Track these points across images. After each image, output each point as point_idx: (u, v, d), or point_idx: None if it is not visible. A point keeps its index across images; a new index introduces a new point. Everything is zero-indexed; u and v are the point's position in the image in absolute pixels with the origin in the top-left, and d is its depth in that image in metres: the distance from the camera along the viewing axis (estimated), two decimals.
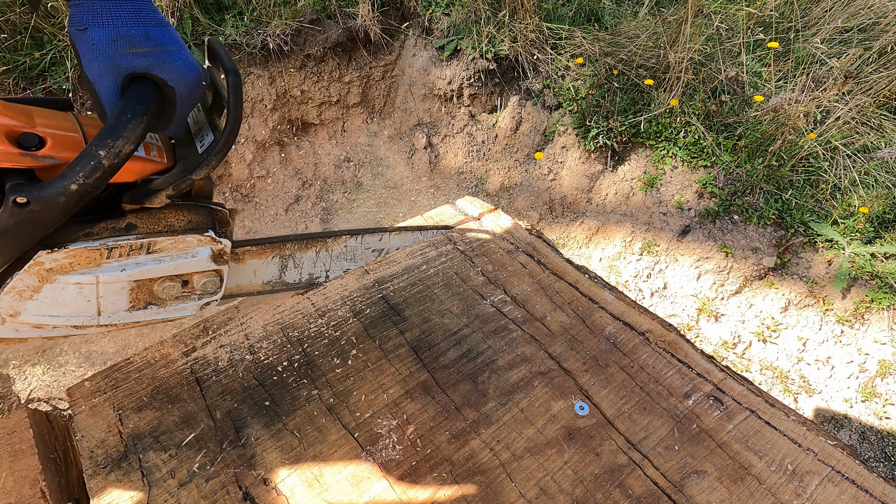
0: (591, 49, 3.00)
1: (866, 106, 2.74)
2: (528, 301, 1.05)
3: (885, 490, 0.77)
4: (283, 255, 0.99)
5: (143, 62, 0.58)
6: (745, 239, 2.65)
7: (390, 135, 3.55)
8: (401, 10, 3.40)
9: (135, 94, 0.58)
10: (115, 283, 0.71)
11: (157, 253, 0.73)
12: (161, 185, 0.66)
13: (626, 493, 0.75)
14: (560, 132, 3.16)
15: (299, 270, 1.04)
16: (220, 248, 0.78)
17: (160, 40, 0.58)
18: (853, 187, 2.58)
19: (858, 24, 3.00)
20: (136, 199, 0.67)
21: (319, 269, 1.07)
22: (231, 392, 0.85)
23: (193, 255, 0.76)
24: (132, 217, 0.69)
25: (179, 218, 0.73)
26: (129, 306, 0.75)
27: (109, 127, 0.56)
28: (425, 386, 0.88)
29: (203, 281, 0.79)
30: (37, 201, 0.56)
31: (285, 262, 1.01)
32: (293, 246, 1.00)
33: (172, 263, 0.74)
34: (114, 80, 0.58)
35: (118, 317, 0.75)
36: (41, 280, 0.65)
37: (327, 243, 1.06)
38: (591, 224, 3.04)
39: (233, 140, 0.64)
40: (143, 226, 0.70)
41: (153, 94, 0.59)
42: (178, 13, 2.84)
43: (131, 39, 0.57)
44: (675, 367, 0.93)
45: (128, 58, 0.57)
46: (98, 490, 0.72)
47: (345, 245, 1.09)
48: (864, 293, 2.44)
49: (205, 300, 0.83)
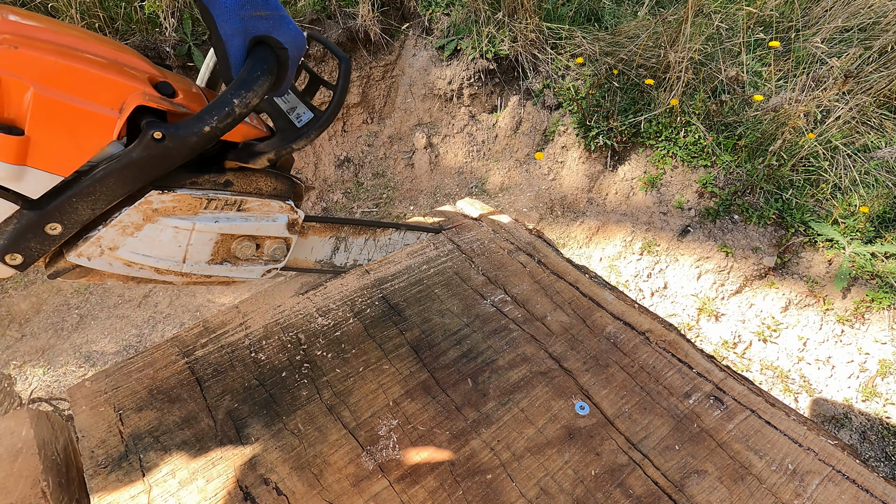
0: (591, 49, 3.00)
1: (866, 105, 2.74)
2: (529, 301, 1.05)
3: (885, 490, 0.77)
4: (339, 236, 1.04)
5: (266, 25, 0.64)
6: (745, 238, 2.65)
7: (390, 135, 3.55)
8: (401, 10, 3.40)
9: (260, 56, 0.64)
10: (206, 233, 0.76)
11: (245, 212, 0.78)
12: (265, 149, 0.73)
13: (626, 492, 0.75)
14: (560, 132, 3.16)
15: (347, 254, 1.09)
16: (295, 217, 0.84)
17: (276, 6, 0.65)
18: (853, 187, 2.58)
19: (859, 23, 3.00)
20: (241, 157, 0.74)
21: (364, 257, 1.12)
22: (231, 392, 0.85)
23: (273, 220, 0.81)
24: (231, 175, 0.75)
25: (268, 183, 0.79)
26: (209, 258, 0.80)
27: (242, 80, 0.63)
28: (425, 386, 0.88)
29: (274, 247, 0.84)
30: (172, 138, 0.61)
31: (338, 244, 1.06)
32: (349, 230, 1.05)
33: (256, 224, 0.80)
34: (243, 41, 0.64)
35: (198, 267, 0.80)
36: (146, 219, 0.70)
37: (376, 233, 1.11)
38: (591, 224, 3.04)
39: (333, 118, 0.72)
40: (239, 184, 0.76)
41: (274, 57, 0.65)
42: (179, 13, 2.84)
43: (256, 3, 0.63)
44: (675, 367, 0.93)
45: (254, 20, 0.64)
46: (99, 490, 0.72)
47: (389, 238, 1.14)
48: (865, 293, 2.44)
49: (269, 266, 0.87)
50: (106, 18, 2.65)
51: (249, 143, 0.75)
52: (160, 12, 2.78)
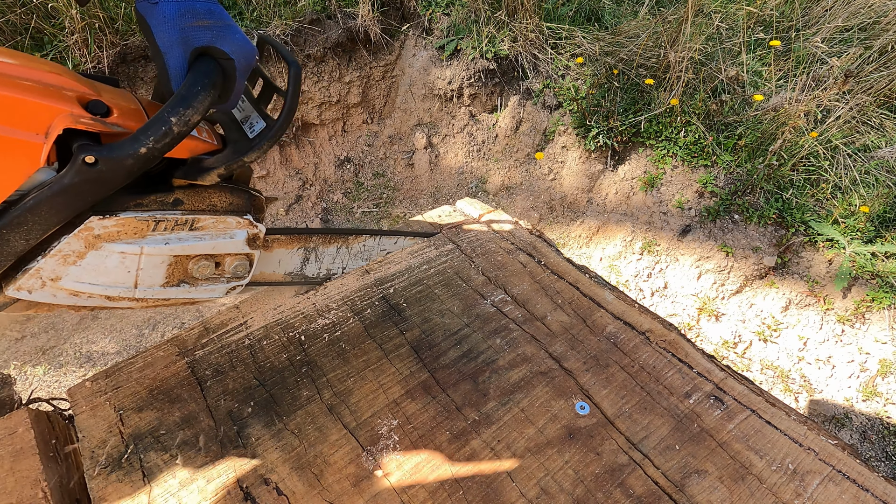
0: (591, 49, 3.00)
1: (867, 105, 2.74)
2: (529, 301, 1.05)
3: (885, 489, 0.77)
4: (308, 247, 1.01)
5: (208, 35, 0.61)
6: (745, 238, 2.65)
7: (390, 135, 3.55)
8: (401, 10, 3.40)
9: (202, 69, 0.61)
10: (157, 256, 0.73)
11: (199, 230, 0.75)
12: (213, 164, 0.69)
13: (626, 492, 0.75)
14: (560, 132, 3.16)
15: (319, 265, 1.06)
16: (256, 232, 0.80)
17: (221, 14, 0.63)
18: (854, 186, 2.58)
19: (859, 23, 3.00)
20: (188, 174, 0.70)
21: (337, 266, 1.09)
22: (232, 392, 0.85)
23: (231, 237, 0.78)
24: (180, 193, 0.71)
25: (222, 199, 0.76)
26: (163, 281, 0.76)
27: (181, 96, 0.59)
28: (426, 386, 0.88)
29: (235, 264, 0.82)
30: (105, 161, 0.58)
31: (308, 255, 1.03)
32: (318, 239, 1.02)
33: (211, 242, 0.76)
34: (183, 52, 0.61)
35: (152, 291, 0.76)
36: (88, 246, 0.67)
37: (348, 241, 1.08)
38: (591, 224, 3.04)
39: (286, 127, 0.67)
40: (189, 202, 0.72)
41: (218, 69, 0.62)
42: None
43: (197, 13, 0.61)
44: (675, 367, 0.93)
45: (195, 30, 0.61)
46: (99, 490, 0.72)
47: (363, 244, 1.11)
48: (865, 292, 2.44)
49: (232, 284, 0.84)
50: (106, 19, 2.65)
51: (198, 158, 0.71)
52: None
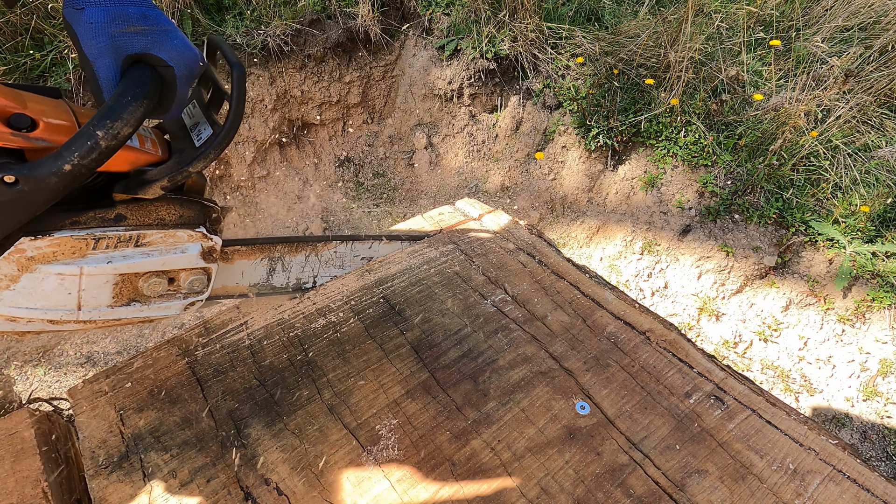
0: (591, 48, 3.00)
1: (867, 104, 2.74)
2: (529, 301, 1.05)
3: (886, 489, 0.77)
4: (273, 257, 0.97)
5: (142, 41, 0.57)
6: (745, 238, 2.65)
7: (390, 135, 3.55)
8: (401, 10, 3.40)
9: (135, 77, 0.57)
10: (100, 276, 0.69)
11: (145, 246, 0.71)
12: (156, 176, 0.65)
13: (627, 492, 0.75)
14: (560, 132, 3.16)
15: (287, 274, 1.02)
16: (211, 245, 0.77)
17: (157, 20, 0.58)
18: (854, 186, 2.58)
19: (859, 22, 2.99)
20: (129, 188, 0.65)
21: (307, 274, 1.05)
22: (232, 392, 0.85)
23: (183, 251, 0.74)
24: (122, 208, 0.67)
25: (171, 212, 0.72)
26: (111, 302, 0.72)
27: (108, 108, 0.55)
28: (426, 386, 0.88)
29: (190, 279, 0.78)
30: (26, 180, 0.54)
31: (274, 265, 0.98)
32: (283, 248, 0.98)
33: (161, 258, 0.72)
34: (113, 61, 0.57)
35: (99, 312, 0.72)
36: (21, 269, 0.63)
37: (317, 248, 1.04)
38: (591, 223, 3.04)
39: (233, 133, 0.63)
40: (134, 217, 0.69)
41: (153, 78, 0.58)
42: (179, 13, 2.84)
43: (129, 18, 0.56)
44: (675, 367, 0.93)
45: (126, 37, 0.56)
46: (100, 490, 0.72)
47: (334, 251, 1.07)
48: (866, 292, 2.44)
49: (190, 299, 0.80)
50: None
51: (141, 170, 0.67)
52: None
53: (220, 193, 3.17)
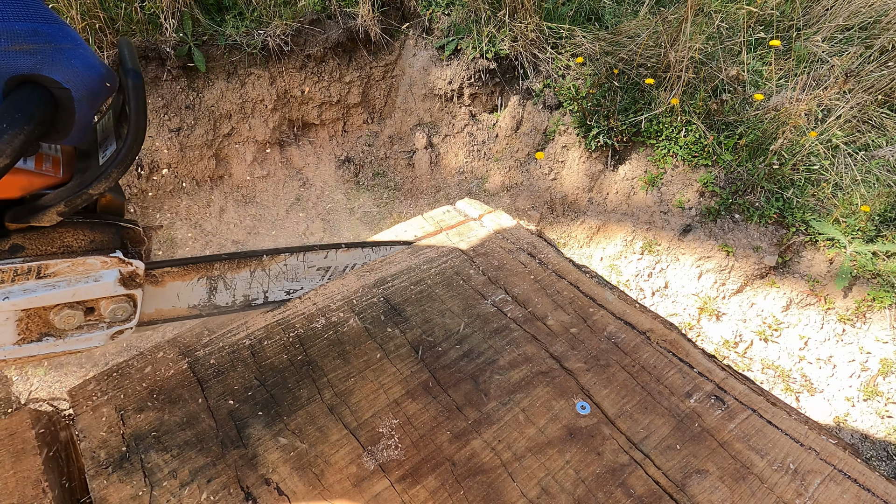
0: (591, 48, 3.00)
1: (867, 104, 2.74)
2: (529, 300, 1.05)
3: (886, 489, 0.77)
4: (212, 276, 0.91)
5: (30, 61, 0.51)
6: (746, 238, 2.65)
7: (391, 135, 3.55)
8: (401, 10, 3.40)
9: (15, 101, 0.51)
10: None
11: (50, 277, 0.64)
12: (51, 201, 0.58)
13: (627, 492, 0.75)
14: (561, 131, 3.16)
15: (231, 292, 0.95)
16: (131, 270, 0.70)
17: (50, 37, 0.52)
18: (854, 186, 2.58)
19: (859, 22, 2.99)
20: (19, 216, 0.59)
21: (256, 290, 0.99)
22: (232, 392, 0.85)
23: (97, 279, 0.68)
24: (18, 237, 0.61)
25: (79, 237, 0.66)
26: (17, 339, 0.67)
27: None
28: (426, 386, 0.88)
29: (112, 307, 0.72)
30: None
31: (214, 284, 0.92)
32: (222, 266, 0.92)
33: (70, 289, 0.66)
34: None
35: (3, 352, 0.66)
36: None
37: (263, 262, 0.98)
38: (592, 223, 3.04)
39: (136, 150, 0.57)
40: (33, 247, 0.63)
41: (40, 101, 0.52)
42: (179, 14, 2.84)
43: (14, 35, 0.50)
44: (676, 367, 0.93)
45: (10, 56, 0.50)
46: (100, 490, 0.72)
47: (284, 264, 1.01)
48: (866, 292, 2.44)
49: (115, 329, 0.75)
50: (106, 19, 2.65)
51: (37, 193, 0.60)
52: (160, 13, 2.78)
53: (221, 193, 3.17)
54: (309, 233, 3.18)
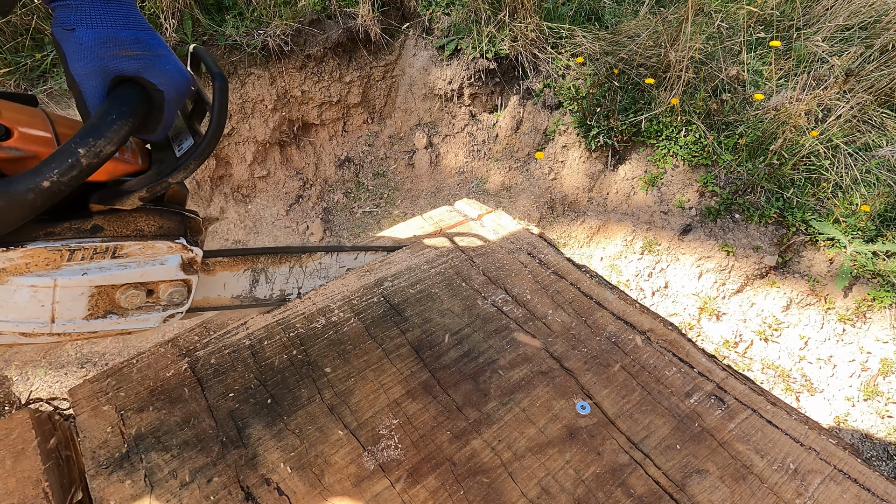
0: (591, 48, 3.00)
1: (867, 104, 2.74)
2: (530, 300, 1.05)
3: (887, 489, 0.77)
4: (256, 268, 0.95)
5: (133, 65, 0.57)
6: (746, 237, 2.65)
7: (391, 135, 3.55)
8: (401, 10, 3.40)
9: (121, 96, 0.56)
10: (75, 288, 0.67)
11: (123, 258, 0.69)
12: (134, 187, 0.63)
13: (627, 492, 0.75)
14: (561, 131, 3.16)
15: (271, 286, 0.99)
16: (191, 256, 0.75)
17: (150, 44, 0.58)
18: (854, 185, 2.58)
19: (859, 22, 2.99)
20: (105, 199, 0.64)
21: (292, 286, 1.03)
22: (232, 392, 0.86)
23: (162, 263, 0.72)
24: (99, 219, 0.66)
25: (150, 223, 0.70)
26: (86, 314, 0.71)
27: (92, 125, 0.54)
28: (427, 386, 0.88)
29: (170, 291, 0.76)
30: (2, 195, 0.53)
31: (257, 277, 0.96)
32: (266, 260, 0.96)
33: (139, 270, 0.71)
34: (101, 81, 0.57)
35: (74, 325, 0.70)
36: None
37: (301, 259, 1.02)
38: (592, 223, 3.04)
39: (214, 144, 0.62)
40: (111, 228, 0.67)
41: (140, 98, 0.58)
42: (179, 14, 2.84)
43: (121, 42, 0.56)
44: (676, 367, 0.93)
45: (117, 60, 0.56)
46: (100, 490, 0.72)
47: (319, 262, 1.05)
48: (866, 291, 2.44)
49: (169, 311, 0.79)
50: None
51: (120, 180, 0.66)
52: (160, 13, 2.78)
53: (221, 193, 3.17)
54: (309, 233, 3.18)
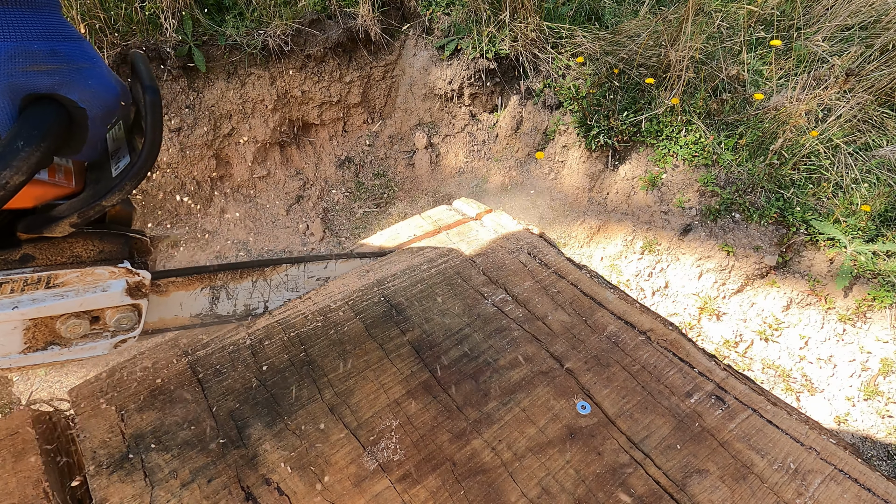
0: (591, 48, 3.00)
1: (868, 104, 2.74)
2: (530, 300, 1.05)
3: (887, 489, 0.77)
4: (215, 285, 0.92)
5: (47, 81, 0.51)
6: (746, 237, 2.64)
7: (391, 134, 3.55)
8: (401, 10, 3.40)
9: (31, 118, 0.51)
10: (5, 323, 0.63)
11: (59, 287, 0.65)
12: (64, 212, 0.58)
13: (628, 492, 0.75)
14: (561, 131, 3.16)
15: (233, 302, 0.96)
16: (138, 280, 0.71)
17: (69, 56, 0.52)
18: (855, 185, 2.58)
19: (860, 21, 2.99)
20: (33, 227, 0.59)
21: (257, 300, 1.00)
22: (233, 392, 0.86)
23: (104, 289, 0.68)
24: (29, 247, 0.61)
25: (89, 248, 0.66)
26: (23, 348, 0.67)
27: None
28: (427, 385, 0.88)
29: (117, 317, 0.72)
30: None
31: (217, 294, 0.93)
32: (225, 276, 0.93)
33: (78, 299, 0.66)
34: (9, 101, 0.50)
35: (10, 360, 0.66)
36: None
37: (265, 272, 0.98)
38: (592, 223, 3.04)
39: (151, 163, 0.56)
40: (43, 257, 0.63)
41: (56, 118, 0.52)
42: (179, 14, 2.84)
43: (33, 55, 0.50)
44: (676, 366, 0.93)
45: (28, 76, 0.50)
46: (101, 490, 0.72)
47: (285, 274, 1.02)
48: (866, 291, 2.44)
49: (119, 338, 0.75)
50: (106, 20, 2.65)
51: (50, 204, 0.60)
52: (161, 13, 2.78)
53: (221, 193, 3.17)
54: (309, 233, 3.18)
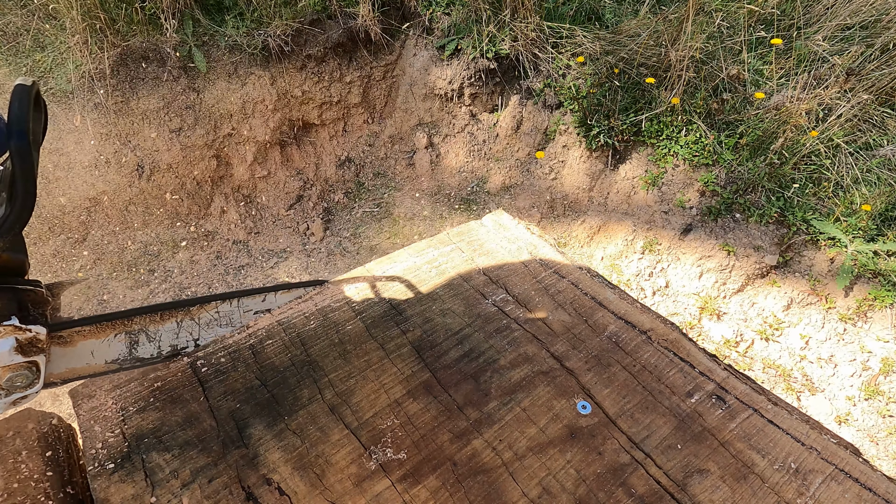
0: (591, 48, 3.00)
1: (868, 103, 2.73)
2: (530, 300, 1.05)
3: (888, 488, 0.77)
4: (131, 330, 0.86)
5: None
6: (747, 237, 2.64)
7: (391, 134, 3.55)
8: (401, 10, 3.40)
9: None
10: None
11: None
12: None
13: (628, 492, 0.75)
14: (561, 131, 3.15)
15: (156, 344, 0.90)
16: (30, 336, 0.65)
17: None
18: (855, 185, 2.57)
19: (860, 21, 2.99)
20: None
21: (185, 339, 0.93)
22: (233, 392, 0.86)
23: None
24: None
25: None
26: None
27: None
28: (427, 386, 0.88)
29: (8, 376, 0.65)
30: None
31: (135, 338, 0.87)
32: (143, 320, 0.87)
33: None
34: None
35: None
36: None
37: (191, 312, 0.91)
38: (592, 223, 3.04)
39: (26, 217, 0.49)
40: None
41: None
42: (179, 14, 2.84)
43: None
44: (677, 366, 0.93)
45: None
46: (102, 490, 0.72)
47: (216, 311, 0.94)
48: (867, 291, 2.43)
49: (16, 396, 0.68)
50: (107, 20, 2.65)
51: None
52: (161, 13, 2.78)
53: (221, 194, 3.17)
54: (310, 233, 3.18)
